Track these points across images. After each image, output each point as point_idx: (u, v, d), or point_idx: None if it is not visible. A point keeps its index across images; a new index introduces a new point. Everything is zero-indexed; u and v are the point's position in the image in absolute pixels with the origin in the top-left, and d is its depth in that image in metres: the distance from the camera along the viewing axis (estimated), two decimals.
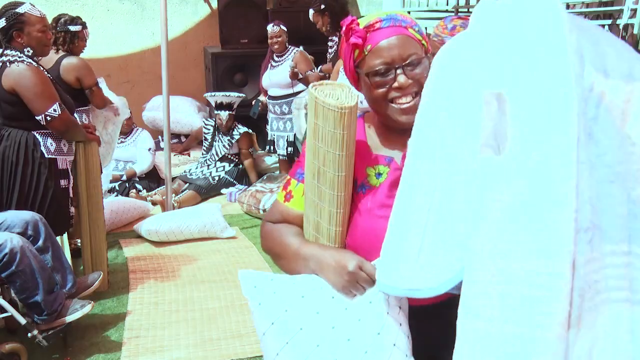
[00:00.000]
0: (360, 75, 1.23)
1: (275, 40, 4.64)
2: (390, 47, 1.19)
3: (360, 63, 1.22)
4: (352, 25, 1.20)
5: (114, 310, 3.05)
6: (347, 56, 1.23)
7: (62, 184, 2.89)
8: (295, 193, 1.33)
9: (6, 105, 2.73)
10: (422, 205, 1.01)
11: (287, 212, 1.35)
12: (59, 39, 3.53)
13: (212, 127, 5.17)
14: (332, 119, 1.16)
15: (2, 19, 2.70)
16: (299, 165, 1.35)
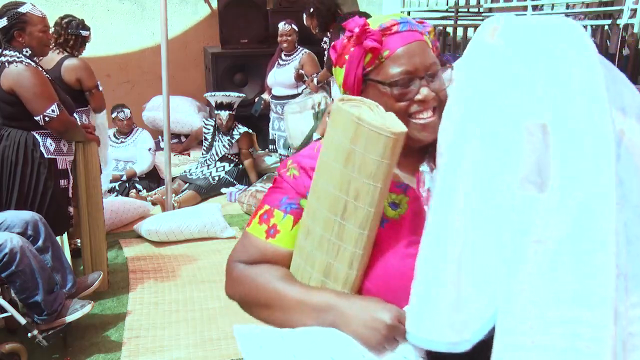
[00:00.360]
0: (371, 84, 1.08)
1: (285, 38, 4.62)
2: (411, 55, 1.05)
3: (374, 70, 1.07)
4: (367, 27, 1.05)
5: (114, 310, 3.05)
6: (354, 61, 1.07)
7: (62, 184, 2.89)
8: (282, 227, 1.12)
9: (5, 105, 2.73)
10: (454, 245, 0.92)
11: (270, 251, 1.13)
12: (69, 41, 3.54)
13: (212, 127, 5.17)
14: (380, 146, 0.96)
15: (3, 18, 2.70)
16: (279, 191, 1.15)
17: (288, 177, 1.15)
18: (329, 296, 1.03)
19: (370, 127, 0.96)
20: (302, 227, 1.08)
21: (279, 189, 1.16)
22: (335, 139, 1.01)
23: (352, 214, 1.01)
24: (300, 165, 1.14)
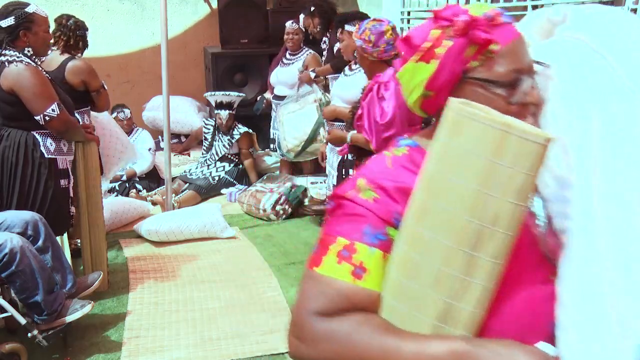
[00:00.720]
0: (471, 83, 0.92)
1: (291, 36, 4.61)
2: (521, 50, 0.92)
3: (478, 67, 0.91)
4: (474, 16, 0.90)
5: (114, 310, 3.05)
6: (454, 55, 0.91)
7: (62, 184, 2.89)
8: (370, 265, 0.90)
9: (5, 105, 2.73)
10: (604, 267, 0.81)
11: (360, 297, 0.90)
12: (79, 42, 3.53)
13: (212, 127, 5.17)
14: (532, 156, 0.81)
15: (10, 18, 2.70)
16: (355, 220, 0.92)
17: (364, 200, 0.92)
18: (456, 344, 0.83)
19: (522, 135, 0.80)
20: (401, 263, 0.88)
21: (354, 217, 0.92)
22: (461, 151, 0.82)
23: (486, 241, 0.83)
24: (378, 185, 0.94)
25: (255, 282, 3.35)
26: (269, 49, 5.46)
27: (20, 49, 2.72)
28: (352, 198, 0.94)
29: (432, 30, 0.92)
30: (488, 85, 0.91)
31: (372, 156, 2.36)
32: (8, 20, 2.70)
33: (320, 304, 0.90)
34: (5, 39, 2.71)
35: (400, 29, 5.85)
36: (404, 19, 5.83)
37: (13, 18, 2.70)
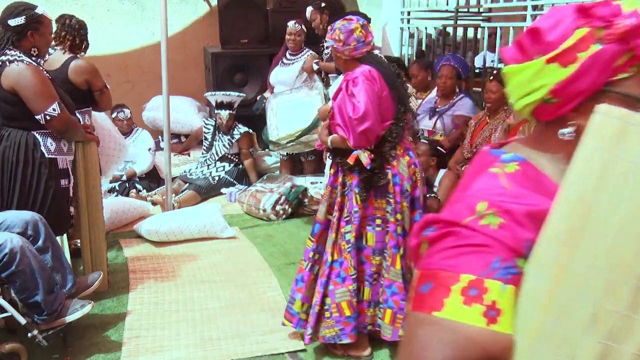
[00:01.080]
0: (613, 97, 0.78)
1: (293, 37, 4.60)
2: None
3: (624, 81, 0.78)
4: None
5: (114, 310, 3.05)
6: (603, 63, 0.78)
7: (63, 184, 2.89)
8: (504, 304, 0.74)
9: (6, 105, 2.73)
10: None
11: (497, 343, 0.74)
12: (82, 43, 3.55)
13: (212, 127, 5.17)
14: None
15: (20, 17, 2.72)
16: (480, 251, 0.76)
17: (487, 227, 0.77)
18: None
19: None
20: (544, 300, 0.74)
21: (476, 248, 0.77)
22: (631, 166, 0.70)
23: None
24: (503, 208, 0.79)
25: (255, 282, 3.35)
26: (269, 49, 5.46)
27: (24, 49, 2.73)
28: (472, 225, 0.78)
29: (578, 28, 0.78)
30: (635, 102, 0.76)
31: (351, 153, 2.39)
32: (18, 19, 2.72)
33: (448, 355, 0.74)
34: (11, 37, 2.72)
35: (400, 29, 5.85)
36: (404, 19, 5.84)
37: (23, 18, 2.72)
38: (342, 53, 2.50)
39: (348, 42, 2.47)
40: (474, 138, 3.81)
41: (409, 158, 2.53)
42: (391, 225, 2.48)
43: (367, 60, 2.49)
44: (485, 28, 5.37)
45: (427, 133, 4.19)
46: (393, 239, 2.49)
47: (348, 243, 2.49)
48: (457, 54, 4.77)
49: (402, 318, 2.49)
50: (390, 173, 2.46)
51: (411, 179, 2.52)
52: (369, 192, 2.47)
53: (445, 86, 4.13)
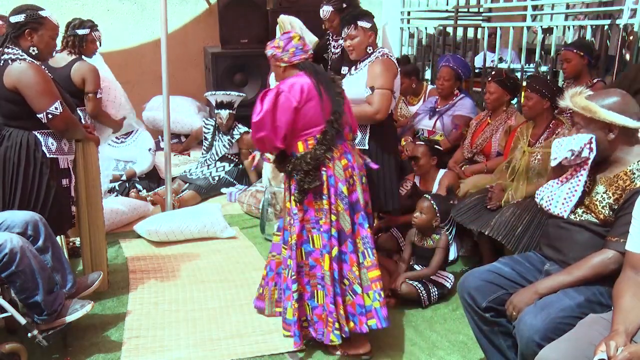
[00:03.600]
0: None
1: None
2: None
3: None
4: None
5: (114, 310, 3.05)
6: None
7: (64, 183, 2.89)
8: None
9: (7, 103, 2.73)
10: None
11: None
12: (69, 42, 3.60)
13: (212, 127, 5.17)
14: None
15: (21, 15, 2.73)
16: None
17: None
18: None
19: None
20: None
21: None
22: None
23: None
24: None
25: (255, 282, 3.34)
26: None
27: (22, 47, 2.73)
28: None
29: None
30: None
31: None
32: (18, 16, 2.73)
33: None
34: (10, 34, 2.73)
35: (400, 29, 5.85)
36: (404, 19, 5.84)
37: (23, 15, 2.73)
38: (281, 59, 2.60)
39: (287, 48, 2.59)
40: (474, 138, 3.81)
41: (346, 161, 2.56)
42: (324, 226, 2.51)
43: (305, 67, 2.59)
44: (485, 28, 5.36)
45: (427, 133, 4.19)
46: (324, 240, 2.51)
47: (288, 247, 2.58)
48: (457, 54, 4.77)
49: (332, 322, 2.51)
50: (325, 175, 2.50)
51: (347, 181, 2.55)
52: (306, 194, 2.51)
53: (442, 88, 4.13)
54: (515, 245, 2.98)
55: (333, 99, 2.56)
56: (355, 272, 2.54)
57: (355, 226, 2.57)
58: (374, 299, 2.56)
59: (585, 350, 1.67)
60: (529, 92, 3.30)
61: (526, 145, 3.30)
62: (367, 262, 2.58)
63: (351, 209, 2.55)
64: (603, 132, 2.03)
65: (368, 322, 2.55)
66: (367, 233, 2.58)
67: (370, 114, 3.01)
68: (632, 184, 1.98)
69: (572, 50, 3.70)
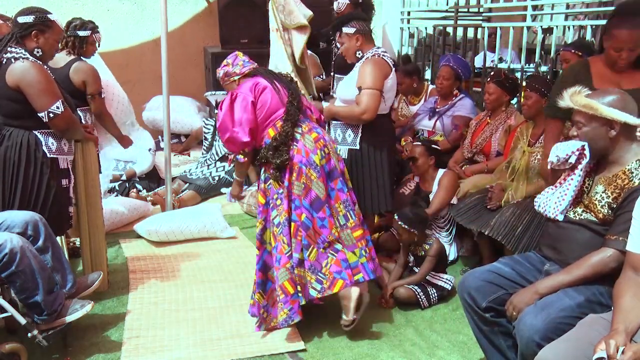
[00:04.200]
0: None
1: None
2: None
3: None
4: None
5: (114, 310, 3.05)
6: None
7: (64, 184, 2.90)
8: None
9: (9, 102, 2.73)
10: None
11: None
12: (69, 42, 3.61)
13: (212, 127, 5.16)
14: None
15: (30, 16, 2.76)
16: None
17: None
18: None
19: None
20: None
21: None
22: None
23: None
24: None
25: None
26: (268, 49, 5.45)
27: (27, 48, 2.75)
28: None
29: None
30: None
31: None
32: (27, 17, 2.76)
33: None
34: (16, 33, 2.75)
35: (400, 29, 5.85)
36: (404, 19, 5.84)
37: (32, 17, 2.76)
38: (233, 74, 2.85)
39: (235, 63, 2.86)
40: (474, 138, 3.81)
41: (317, 134, 2.74)
42: (294, 197, 2.66)
43: (255, 72, 2.85)
44: (485, 28, 5.36)
45: (427, 133, 4.19)
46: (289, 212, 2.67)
47: (278, 226, 2.68)
48: (457, 55, 4.77)
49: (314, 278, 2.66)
50: (295, 149, 2.67)
51: (322, 150, 2.70)
52: (282, 170, 2.66)
53: (441, 87, 4.13)
54: (515, 245, 2.98)
55: (286, 85, 2.77)
56: (335, 234, 2.70)
57: (334, 192, 2.73)
58: (360, 255, 2.75)
59: (585, 350, 1.67)
60: (528, 91, 3.30)
61: (526, 145, 3.30)
62: (351, 223, 2.75)
63: (328, 176, 2.71)
64: (605, 129, 2.04)
65: (355, 276, 2.71)
66: (346, 197, 2.75)
67: (357, 114, 3.04)
68: (630, 182, 1.99)
69: (570, 50, 3.72)
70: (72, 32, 3.66)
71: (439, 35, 5.90)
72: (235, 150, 2.79)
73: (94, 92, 3.59)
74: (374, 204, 3.13)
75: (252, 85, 2.73)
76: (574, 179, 2.13)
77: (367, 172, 3.09)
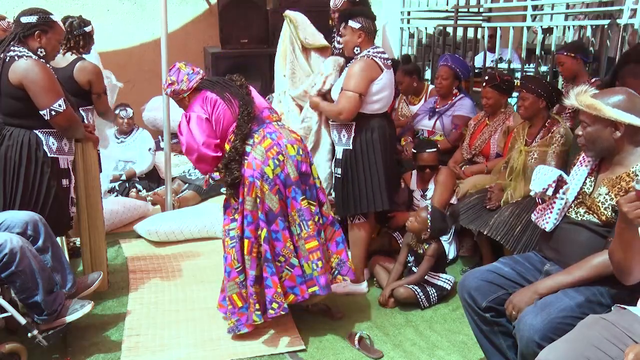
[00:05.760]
0: None
1: None
2: None
3: None
4: None
5: (114, 310, 3.05)
6: None
7: (64, 184, 2.90)
8: None
9: (11, 100, 2.73)
10: None
11: None
12: (79, 42, 3.60)
13: None
14: None
15: (33, 16, 2.79)
16: None
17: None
18: None
19: None
20: None
21: None
22: None
23: None
24: None
25: None
26: (269, 49, 5.45)
27: (30, 48, 2.76)
28: None
29: None
30: None
31: None
32: (30, 17, 2.79)
33: None
34: (19, 33, 2.76)
35: (400, 29, 5.85)
36: (404, 19, 5.84)
37: (36, 17, 2.79)
38: (181, 91, 2.76)
39: (180, 79, 2.75)
40: (473, 140, 3.81)
41: (270, 141, 2.65)
42: (246, 213, 2.61)
43: (203, 85, 2.75)
44: (485, 28, 5.37)
45: (426, 133, 4.19)
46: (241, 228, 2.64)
47: (232, 239, 2.66)
48: (457, 55, 4.77)
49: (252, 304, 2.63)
50: (246, 163, 2.62)
51: (274, 159, 2.62)
52: (236, 187, 2.63)
53: (440, 87, 4.13)
54: (514, 245, 2.98)
55: (237, 94, 2.70)
56: (290, 247, 2.65)
57: (289, 200, 2.66)
58: (313, 268, 2.68)
59: (585, 351, 1.67)
60: (524, 92, 3.30)
61: (523, 145, 3.30)
62: (304, 234, 2.67)
63: (282, 185, 2.64)
64: (609, 130, 2.03)
65: (309, 289, 2.67)
66: (300, 206, 2.66)
67: (334, 112, 3.08)
68: None
69: (563, 53, 3.74)
70: (80, 30, 3.63)
71: (439, 35, 5.90)
72: (209, 169, 2.71)
73: (99, 91, 3.58)
74: (370, 203, 3.13)
75: (202, 101, 2.67)
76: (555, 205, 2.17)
77: (361, 172, 3.09)
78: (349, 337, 2.75)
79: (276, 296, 2.60)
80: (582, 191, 2.15)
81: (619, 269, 1.84)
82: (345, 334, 2.80)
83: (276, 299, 2.60)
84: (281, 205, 2.63)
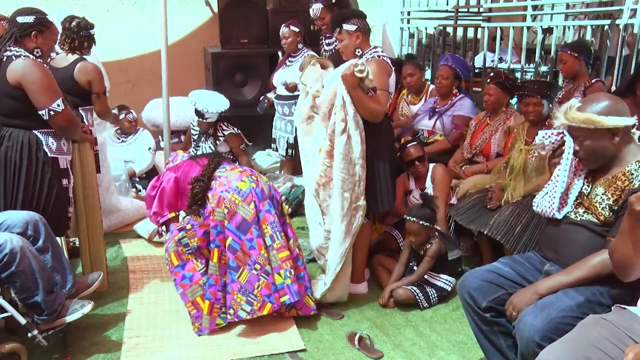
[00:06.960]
0: None
1: (284, 41, 4.60)
2: None
3: None
4: None
5: (114, 310, 3.05)
6: None
7: (64, 184, 2.90)
8: None
9: (9, 100, 2.73)
10: None
11: None
12: (83, 42, 3.60)
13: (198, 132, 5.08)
14: None
15: (30, 16, 2.80)
16: None
17: None
18: None
19: None
20: None
21: None
22: None
23: None
24: None
25: None
26: (269, 49, 5.46)
27: (26, 47, 2.76)
28: None
29: None
30: None
31: None
32: (27, 17, 2.79)
33: None
34: (15, 33, 2.76)
35: (400, 29, 5.85)
36: (404, 19, 5.84)
37: (33, 17, 2.80)
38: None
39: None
40: (473, 139, 3.81)
41: (241, 169, 2.97)
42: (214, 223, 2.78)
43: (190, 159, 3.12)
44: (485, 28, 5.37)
45: (426, 133, 4.19)
46: (212, 235, 2.78)
47: (186, 247, 2.83)
48: (457, 54, 4.77)
49: (218, 308, 2.80)
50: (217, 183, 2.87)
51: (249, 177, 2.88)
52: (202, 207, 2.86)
53: (440, 87, 4.13)
54: (514, 245, 2.98)
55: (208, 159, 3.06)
56: (264, 255, 2.76)
57: (262, 213, 2.80)
58: (285, 277, 2.78)
59: (585, 351, 1.67)
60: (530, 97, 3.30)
61: (523, 144, 3.30)
62: (277, 244, 2.79)
63: (257, 197, 2.80)
64: (608, 138, 2.02)
65: (281, 298, 2.76)
66: (274, 219, 2.82)
67: (380, 111, 2.97)
68: (630, 184, 1.99)
69: (566, 51, 3.74)
70: (86, 32, 3.63)
71: (439, 35, 5.90)
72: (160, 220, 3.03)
73: (99, 91, 3.58)
74: (378, 204, 3.12)
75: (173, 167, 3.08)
76: (560, 174, 2.14)
77: (369, 172, 3.09)
78: (349, 337, 2.76)
79: (233, 303, 2.75)
80: (579, 192, 2.15)
81: (623, 265, 1.83)
82: (345, 334, 2.80)
83: (233, 305, 2.75)
84: (256, 215, 2.78)
